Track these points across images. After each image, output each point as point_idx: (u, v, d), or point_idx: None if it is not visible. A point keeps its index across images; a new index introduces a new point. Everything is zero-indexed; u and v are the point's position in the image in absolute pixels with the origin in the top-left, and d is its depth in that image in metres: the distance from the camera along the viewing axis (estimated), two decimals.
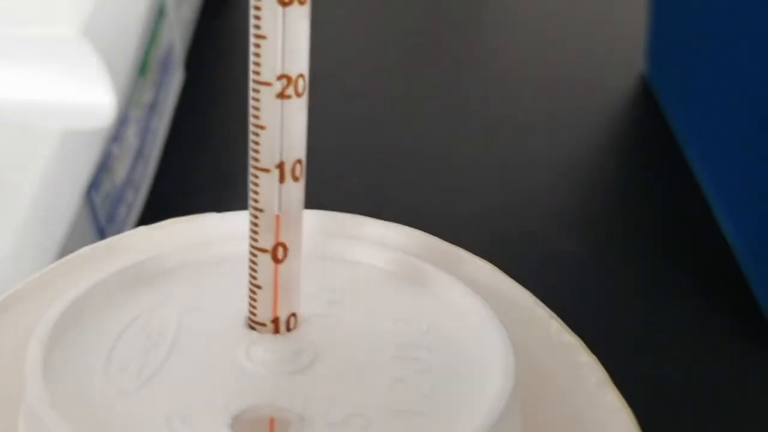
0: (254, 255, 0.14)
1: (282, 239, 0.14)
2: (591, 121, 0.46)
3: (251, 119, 0.13)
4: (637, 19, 0.50)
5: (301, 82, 0.13)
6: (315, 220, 0.17)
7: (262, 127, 0.13)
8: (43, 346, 0.13)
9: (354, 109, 0.45)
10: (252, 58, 0.13)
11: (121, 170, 0.32)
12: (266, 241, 0.14)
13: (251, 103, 0.13)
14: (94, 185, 0.29)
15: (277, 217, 0.14)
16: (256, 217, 0.14)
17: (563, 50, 0.51)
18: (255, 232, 0.14)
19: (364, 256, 0.16)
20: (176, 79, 0.41)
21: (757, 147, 0.34)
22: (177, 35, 0.41)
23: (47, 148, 0.28)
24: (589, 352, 0.15)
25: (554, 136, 0.44)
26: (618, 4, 0.56)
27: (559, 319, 0.16)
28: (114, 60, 0.31)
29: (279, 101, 0.13)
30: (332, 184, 0.37)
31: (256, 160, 0.13)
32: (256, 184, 0.14)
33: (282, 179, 0.14)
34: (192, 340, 0.14)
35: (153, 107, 0.36)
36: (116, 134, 0.31)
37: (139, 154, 0.34)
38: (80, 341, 0.14)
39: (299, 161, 0.14)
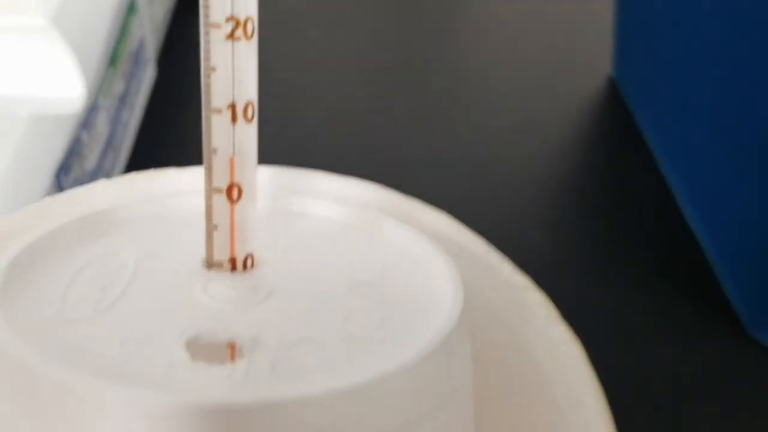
0: (209, 196, 0.14)
1: (236, 180, 0.14)
2: (560, 123, 0.46)
3: (203, 62, 0.14)
4: (603, 22, 0.51)
5: (249, 24, 0.14)
6: (272, 176, 0.18)
7: (212, 69, 0.14)
8: (1, 280, 0.13)
9: (330, 112, 0.45)
10: (201, 2, 0.13)
11: (91, 157, 0.32)
12: (221, 182, 0.14)
13: (202, 45, 0.14)
14: (63, 169, 0.29)
15: (231, 159, 0.14)
16: (210, 158, 0.14)
17: (531, 54, 0.52)
18: (209, 173, 0.14)
19: (319, 209, 0.17)
20: (148, 75, 0.41)
21: (723, 144, 0.34)
22: (148, 31, 0.41)
23: (16, 131, 0.28)
24: (540, 290, 0.16)
25: (523, 137, 0.44)
26: (584, 7, 0.57)
27: (510, 263, 0.16)
28: (83, 49, 0.31)
29: (229, 42, 0.14)
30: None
31: (208, 101, 0.14)
32: (209, 126, 0.14)
33: (234, 119, 0.14)
34: (149, 279, 0.14)
35: (123, 99, 0.36)
36: (86, 121, 0.31)
37: (110, 144, 0.34)
38: (37, 280, 0.14)
39: (251, 103, 0.14)
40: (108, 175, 0.34)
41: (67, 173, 0.30)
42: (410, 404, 0.12)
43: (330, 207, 0.17)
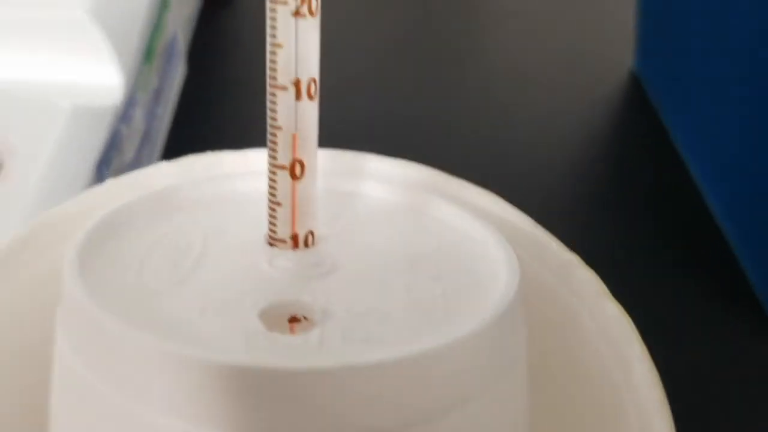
0: (273, 173, 0.15)
1: (299, 156, 0.15)
2: (582, 117, 0.47)
3: (268, 38, 0.14)
4: (625, 16, 0.51)
5: (314, 1, 0.14)
6: (327, 158, 0.18)
7: (279, 45, 0.14)
8: (80, 250, 0.14)
9: (347, 111, 0.46)
10: None
11: (129, 151, 0.33)
12: (285, 158, 0.15)
13: (268, 22, 0.14)
14: (104, 162, 0.30)
15: (294, 135, 0.15)
16: (274, 135, 0.15)
17: (553, 48, 0.52)
18: (274, 150, 0.15)
19: (373, 189, 0.17)
20: (179, 71, 0.42)
21: (749, 137, 0.34)
22: (180, 27, 0.42)
23: (58, 124, 0.29)
24: (588, 267, 0.16)
25: (545, 132, 0.44)
26: (606, 2, 0.57)
27: (558, 240, 0.17)
28: (121, 42, 0.31)
29: (293, 19, 0.14)
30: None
31: (274, 78, 0.14)
32: (273, 102, 0.14)
33: (298, 96, 0.14)
34: (217, 254, 0.15)
35: (158, 94, 0.37)
36: (124, 114, 0.32)
37: (146, 137, 0.35)
38: (113, 252, 0.14)
39: (314, 80, 0.14)
40: (145, 166, 0.34)
41: (108, 166, 0.30)
42: (473, 373, 0.13)
43: (383, 187, 0.17)
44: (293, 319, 0.14)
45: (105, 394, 0.12)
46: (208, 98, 0.45)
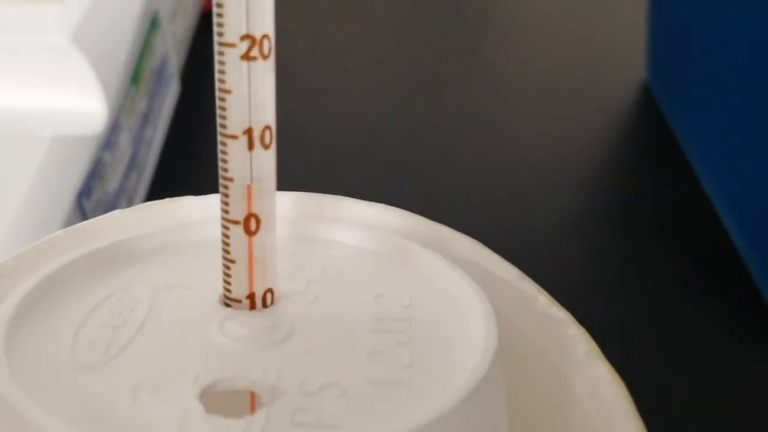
0: (226, 228, 0.14)
1: (254, 210, 0.13)
2: (593, 127, 0.45)
3: (217, 83, 0.13)
4: (636, 27, 0.50)
5: (266, 42, 0.13)
6: (292, 201, 0.17)
7: (227, 91, 0.13)
8: (7, 323, 0.12)
9: (351, 123, 0.45)
10: (215, 17, 0.13)
11: (113, 178, 0.31)
12: (238, 213, 0.13)
13: (216, 66, 0.13)
14: (84, 192, 0.29)
15: (248, 186, 0.13)
16: (226, 187, 0.13)
17: (564, 59, 0.51)
18: (226, 203, 0.13)
19: (343, 236, 0.16)
20: (171, 92, 0.40)
21: (763, 149, 0.33)
22: (171, 48, 0.41)
23: (37, 153, 0.27)
24: (578, 324, 0.15)
25: (556, 143, 0.43)
26: (617, 12, 0.56)
27: (546, 294, 0.15)
28: (104, 67, 0.30)
29: (245, 63, 0.13)
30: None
31: (224, 126, 0.13)
32: (224, 152, 0.13)
33: (251, 146, 0.13)
34: (164, 317, 0.13)
35: (147, 117, 0.36)
36: (108, 141, 0.31)
37: (132, 164, 0.34)
38: (48, 320, 0.13)
39: (268, 127, 0.13)
40: (131, 196, 0.33)
41: (89, 196, 0.29)
42: None
43: (356, 234, 0.16)
44: (239, 398, 0.13)
45: None
46: (203, 116, 0.44)
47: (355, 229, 0.16)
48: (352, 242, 0.16)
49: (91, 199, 0.29)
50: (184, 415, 0.11)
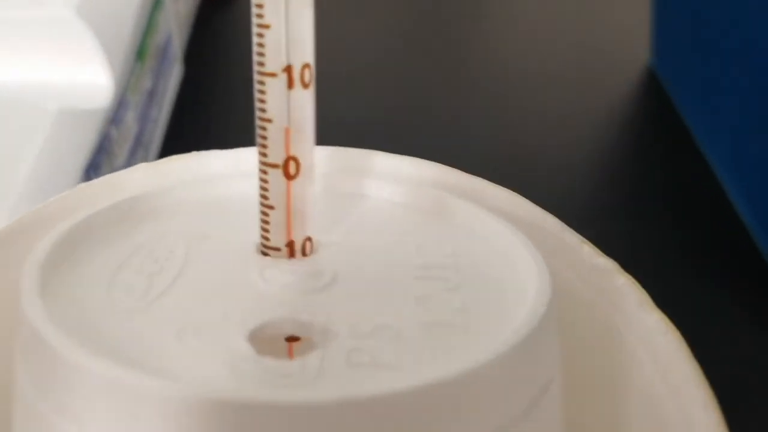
0: (264, 172, 0.13)
1: (293, 152, 0.13)
2: (599, 113, 0.45)
3: (254, 18, 0.12)
4: (639, 11, 0.49)
5: None
6: (327, 156, 0.16)
7: (266, 26, 0.12)
8: (40, 267, 0.12)
9: (346, 109, 0.44)
10: None
11: (120, 155, 0.31)
12: (277, 155, 0.13)
13: (253, 1, 0.12)
14: (92, 166, 0.28)
15: (286, 129, 0.13)
16: (264, 128, 0.13)
17: (567, 45, 0.50)
18: (264, 146, 0.13)
19: (378, 189, 0.15)
20: (175, 72, 0.40)
21: (764, 125, 0.33)
22: (175, 27, 0.40)
23: (44, 126, 0.27)
24: (626, 274, 0.14)
25: (561, 130, 0.43)
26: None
27: (590, 244, 0.15)
28: (110, 41, 0.30)
29: None
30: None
31: (261, 64, 0.12)
32: (262, 92, 0.13)
33: (290, 84, 0.13)
34: (201, 265, 0.13)
35: (152, 95, 0.35)
36: (114, 117, 0.30)
37: (139, 141, 0.33)
38: (80, 267, 0.13)
39: (308, 65, 0.13)
40: None
41: (97, 170, 0.28)
42: (501, 402, 0.11)
43: (391, 187, 0.15)
44: (289, 339, 0.12)
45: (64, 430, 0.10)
46: (206, 100, 0.43)
47: (390, 182, 0.15)
48: (387, 196, 0.15)
49: (99, 173, 0.28)
50: (233, 356, 0.11)
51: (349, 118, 0.42)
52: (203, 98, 0.43)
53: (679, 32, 0.44)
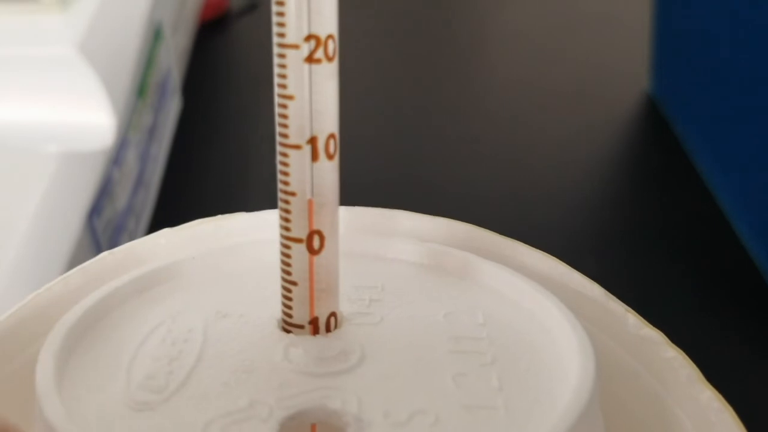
0: (287, 246, 0.12)
1: (317, 227, 0.12)
2: (600, 140, 0.44)
3: (277, 89, 0.12)
4: (638, 38, 0.49)
5: (331, 43, 0.12)
6: (346, 216, 0.16)
7: (290, 98, 0.12)
8: (55, 357, 0.11)
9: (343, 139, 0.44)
10: (275, 17, 0.11)
11: (122, 195, 0.30)
12: (300, 230, 0.12)
13: (276, 70, 0.12)
14: (95, 210, 0.27)
15: (310, 201, 0.12)
16: (287, 202, 0.12)
17: (567, 71, 0.50)
18: (286, 220, 0.12)
19: (400, 251, 0.15)
20: (174, 105, 0.39)
21: None
22: (174, 60, 0.39)
23: (45, 170, 0.26)
24: (675, 346, 0.13)
25: (561, 157, 0.42)
26: (617, 25, 0.55)
27: (635, 313, 0.14)
28: (111, 79, 0.29)
29: (307, 66, 0.12)
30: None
31: (285, 135, 0.12)
32: (285, 164, 0.12)
33: (315, 157, 0.12)
34: (221, 347, 0.12)
35: (152, 132, 0.34)
36: (116, 157, 0.29)
37: (140, 180, 0.32)
38: (97, 353, 0.12)
39: (332, 136, 0.12)
40: (138, 214, 0.32)
41: (99, 214, 0.28)
42: None
43: (415, 248, 0.15)
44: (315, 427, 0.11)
45: None
46: (205, 132, 0.43)
47: (413, 244, 0.15)
48: (410, 257, 0.15)
49: (101, 217, 0.28)
50: None
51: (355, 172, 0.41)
52: (202, 130, 0.43)
53: (678, 58, 0.43)
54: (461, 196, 0.39)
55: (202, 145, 0.42)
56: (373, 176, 0.39)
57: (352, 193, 0.16)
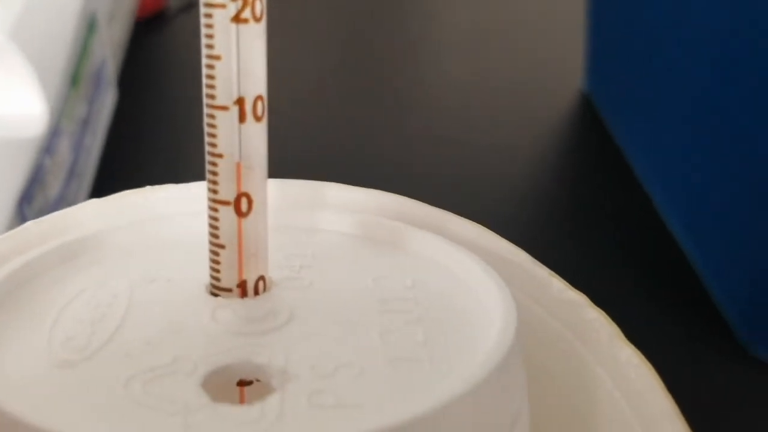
0: (214, 209, 0.12)
1: (245, 189, 0.12)
2: (534, 138, 0.45)
3: (204, 49, 0.12)
4: (572, 37, 0.50)
5: (258, 4, 0.12)
6: (277, 188, 0.16)
7: (216, 58, 0.12)
8: None
9: (292, 141, 0.43)
10: None
11: (54, 185, 0.30)
12: (228, 192, 0.12)
13: (203, 30, 0.12)
14: (25, 198, 0.27)
15: (238, 164, 0.12)
16: (214, 164, 0.12)
17: (501, 70, 0.51)
18: (214, 183, 0.12)
19: (334, 222, 0.15)
20: (109, 98, 0.39)
21: (706, 154, 0.33)
22: (108, 52, 0.39)
23: None
24: (597, 308, 0.14)
25: (496, 156, 0.42)
26: (550, 24, 0.56)
27: (560, 278, 0.14)
28: (43, 66, 0.29)
29: (234, 26, 0.12)
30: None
31: (212, 96, 0.12)
32: (212, 126, 0.12)
33: (242, 118, 0.12)
34: (146, 310, 0.12)
35: (86, 123, 0.34)
36: (48, 146, 0.29)
37: (73, 171, 0.32)
38: (18, 315, 0.12)
39: (260, 97, 0.12)
40: (72, 204, 0.31)
41: (30, 202, 0.27)
42: None
43: (346, 219, 0.15)
44: (243, 383, 0.11)
45: None
46: (140, 126, 0.42)
47: (344, 214, 0.15)
48: (342, 228, 0.15)
49: (32, 205, 0.27)
50: (186, 405, 0.10)
51: (292, 147, 0.41)
52: (137, 124, 0.42)
53: (614, 57, 0.44)
54: (390, 177, 0.39)
55: (136, 139, 0.41)
56: (309, 159, 0.39)
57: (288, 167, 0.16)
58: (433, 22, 0.57)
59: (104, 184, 0.36)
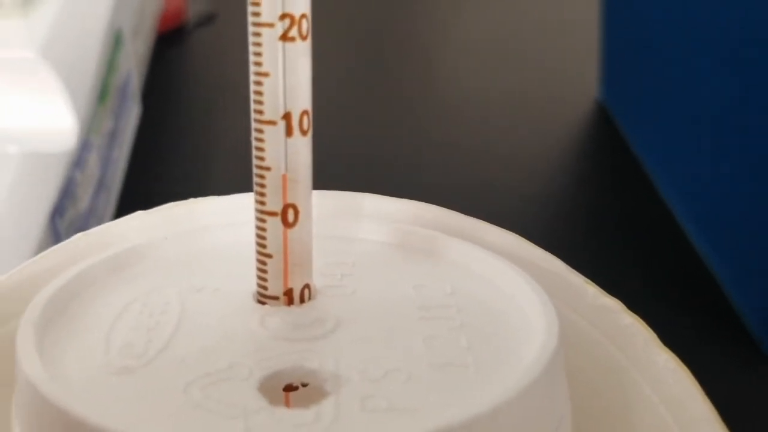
0: (262, 220, 0.13)
1: (291, 200, 0.13)
2: (551, 147, 0.45)
3: (252, 66, 0.12)
4: (587, 45, 0.50)
5: (305, 22, 0.12)
6: (315, 199, 0.16)
7: (265, 74, 0.12)
8: (35, 326, 0.11)
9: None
10: None
11: (84, 197, 0.30)
12: (274, 203, 0.13)
13: (252, 48, 0.12)
14: (58, 211, 0.27)
15: (284, 176, 0.13)
16: (262, 177, 0.13)
17: (518, 80, 0.51)
18: (261, 195, 0.13)
19: (374, 232, 0.15)
20: (134, 111, 0.39)
21: (723, 160, 0.33)
22: (133, 66, 0.39)
23: (8, 171, 0.26)
24: (632, 314, 0.14)
25: (512, 165, 0.43)
26: (564, 38, 0.56)
27: (594, 285, 0.15)
28: (74, 82, 0.29)
29: (281, 44, 0.12)
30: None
31: (260, 112, 0.12)
32: (260, 140, 0.12)
33: (289, 132, 0.12)
34: (198, 318, 0.13)
35: (113, 136, 0.35)
36: (78, 159, 0.29)
37: (102, 183, 0.32)
38: (74, 325, 0.12)
39: (306, 112, 0.12)
40: (100, 217, 0.32)
41: (62, 215, 0.28)
42: None
43: (384, 228, 0.15)
44: (290, 388, 0.12)
45: None
46: (164, 139, 0.43)
47: (381, 224, 0.15)
48: (379, 237, 0.15)
49: (64, 218, 0.28)
50: (245, 408, 0.10)
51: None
52: (160, 135, 0.43)
53: (626, 66, 0.44)
54: (406, 186, 0.39)
55: (160, 151, 0.42)
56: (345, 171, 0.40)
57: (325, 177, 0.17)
58: (448, 34, 0.58)
59: (131, 196, 0.36)
